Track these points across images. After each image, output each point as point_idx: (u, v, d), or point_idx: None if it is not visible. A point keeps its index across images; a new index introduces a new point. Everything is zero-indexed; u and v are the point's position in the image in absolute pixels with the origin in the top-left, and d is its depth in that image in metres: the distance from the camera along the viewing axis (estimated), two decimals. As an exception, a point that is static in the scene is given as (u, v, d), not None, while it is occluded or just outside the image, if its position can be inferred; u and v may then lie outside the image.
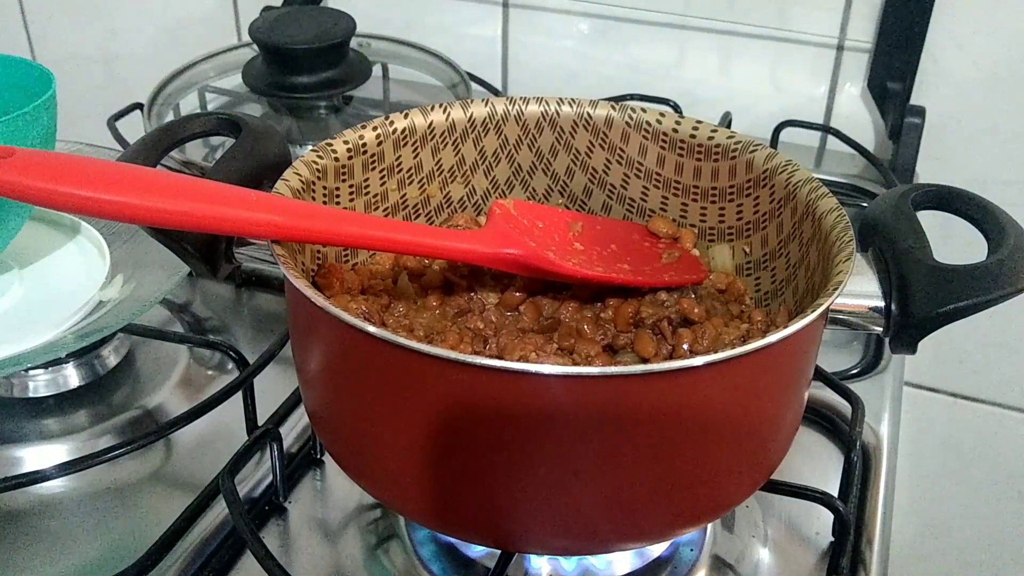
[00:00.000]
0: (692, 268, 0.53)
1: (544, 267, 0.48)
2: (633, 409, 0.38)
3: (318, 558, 0.52)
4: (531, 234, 0.49)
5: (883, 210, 0.48)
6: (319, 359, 0.44)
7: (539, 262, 0.48)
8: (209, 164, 0.70)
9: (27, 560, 0.51)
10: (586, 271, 0.49)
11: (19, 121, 0.57)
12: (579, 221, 0.53)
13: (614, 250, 0.52)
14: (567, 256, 0.50)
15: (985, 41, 0.82)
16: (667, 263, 0.53)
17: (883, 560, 0.53)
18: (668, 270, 0.52)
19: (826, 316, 0.44)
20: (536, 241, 0.49)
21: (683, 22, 0.90)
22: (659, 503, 0.42)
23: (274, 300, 0.72)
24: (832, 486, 0.55)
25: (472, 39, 0.97)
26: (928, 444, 0.98)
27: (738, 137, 0.53)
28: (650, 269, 0.52)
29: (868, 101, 0.87)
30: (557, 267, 0.48)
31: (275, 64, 0.85)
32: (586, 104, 0.56)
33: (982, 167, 0.86)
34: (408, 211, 0.56)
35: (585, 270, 0.49)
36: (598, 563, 0.50)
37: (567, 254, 0.50)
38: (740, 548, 0.53)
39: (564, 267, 0.49)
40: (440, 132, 0.55)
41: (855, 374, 0.66)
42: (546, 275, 0.49)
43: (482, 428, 0.39)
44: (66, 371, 0.63)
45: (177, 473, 0.57)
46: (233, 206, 0.42)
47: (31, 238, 0.68)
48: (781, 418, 0.45)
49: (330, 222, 0.44)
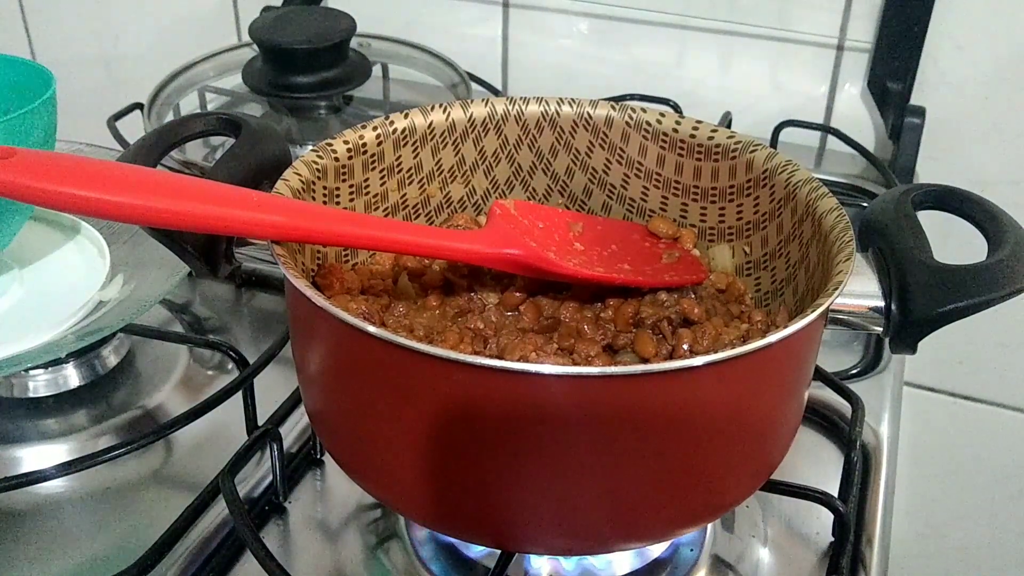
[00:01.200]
0: (692, 268, 0.53)
1: (545, 267, 0.48)
2: (633, 409, 0.38)
3: (318, 558, 0.52)
4: (531, 234, 0.49)
5: (883, 210, 0.48)
6: (319, 359, 0.44)
7: (540, 262, 0.48)
8: (209, 164, 0.70)
9: (27, 560, 0.51)
10: (586, 271, 0.49)
11: (19, 121, 0.57)
12: (579, 221, 0.53)
13: (614, 250, 0.52)
14: (567, 256, 0.50)
15: (985, 41, 0.82)
16: (667, 263, 0.53)
17: (883, 560, 0.53)
18: (668, 270, 0.52)
19: (826, 316, 0.44)
20: (536, 241, 0.49)
21: (683, 22, 0.90)
22: (659, 503, 0.42)
23: (274, 300, 0.72)
24: (832, 486, 0.55)
25: (472, 39, 0.97)
26: (928, 444, 0.98)
27: (738, 137, 0.53)
28: (650, 269, 0.52)
29: (868, 101, 0.87)
30: (557, 267, 0.48)
31: (275, 64, 0.85)
32: (586, 104, 0.56)
33: (982, 167, 0.86)
34: (408, 211, 0.56)
35: (585, 270, 0.49)
36: (598, 563, 0.50)
37: (567, 254, 0.50)
38: (740, 548, 0.53)
39: (564, 267, 0.48)
40: (440, 132, 0.55)
41: (855, 374, 0.66)
42: (547, 275, 0.49)
43: (482, 428, 0.39)
44: (66, 371, 0.63)
45: (177, 473, 0.57)
46: (234, 206, 0.42)
47: (31, 238, 0.68)
48: (781, 418, 0.45)
49: (331, 222, 0.44)
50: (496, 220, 0.49)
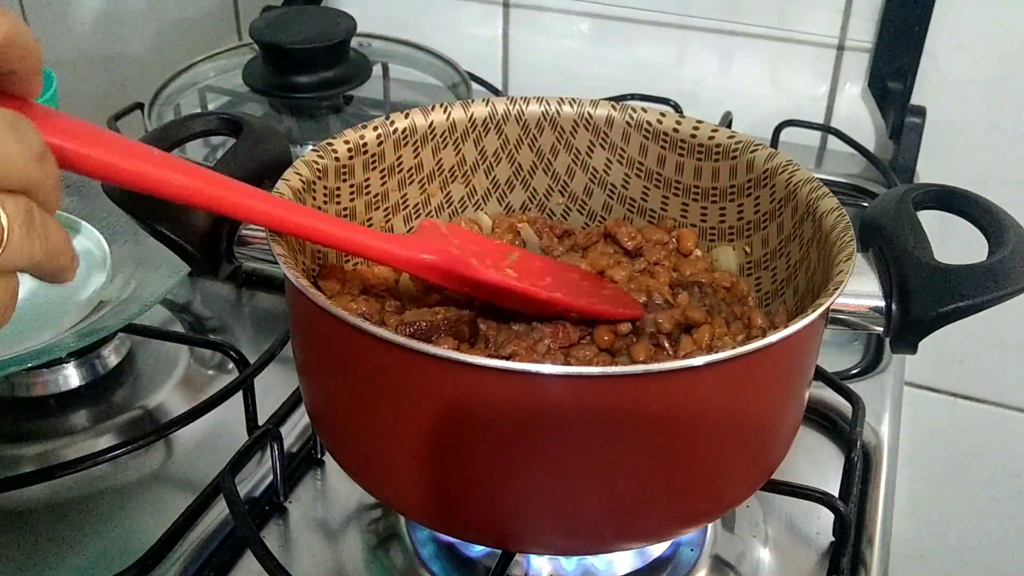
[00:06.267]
0: (629, 304, 0.49)
1: (466, 273, 0.45)
2: (633, 409, 0.38)
3: (318, 558, 0.52)
4: (458, 249, 0.47)
5: (884, 210, 0.48)
6: (320, 359, 0.44)
7: (461, 268, 0.45)
8: (210, 164, 0.70)
9: (27, 560, 0.51)
10: (511, 282, 0.46)
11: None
12: (516, 252, 0.50)
13: (549, 283, 0.48)
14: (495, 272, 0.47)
15: (985, 41, 0.82)
16: (605, 296, 0.50)
17: (883, 560, 0.53)
18: (605, 302, 0.49)
19: (826, 316, 0.44)
20: (461, 253, 0.46)
21: (683, 22, 0.90)
22: (659, 503, 0.42)
23: (274, 300, 0.72)
24: (832, 486, 0.55)
25: (473, 39, 0.97)
26: (928, 444, 0.98)
27: (739, 137, 0.53)
28: (584, 302, 0.48)
29: (868, 101, 0.88)
30: (479, 274, 0.45)
31: (275, 64, 0.85)
32: (587, 104, 0.56)
33: (982, 167, 0.86)
34: (409, 211, 0.56)
35: (510, 281, 0.46)
36: (598, 563, 0.50)
37: (496, 271, 0.47)
38: (740, 548, 0.53)
39: (487, 274, 0.46)
40: (441, 132, 0.55)
41: (855, 374, 0.66)
42: (468, 284, 0.46)
43: (482, 428, 0.39)
44: (66, 371, 0.63)
45: (177, 473, 0.57)
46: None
47: (31, 238, 0.68)
48: (781, 418, 0.45)
49: (231, 192, 0.41)
50: (421, 230, 0.47)
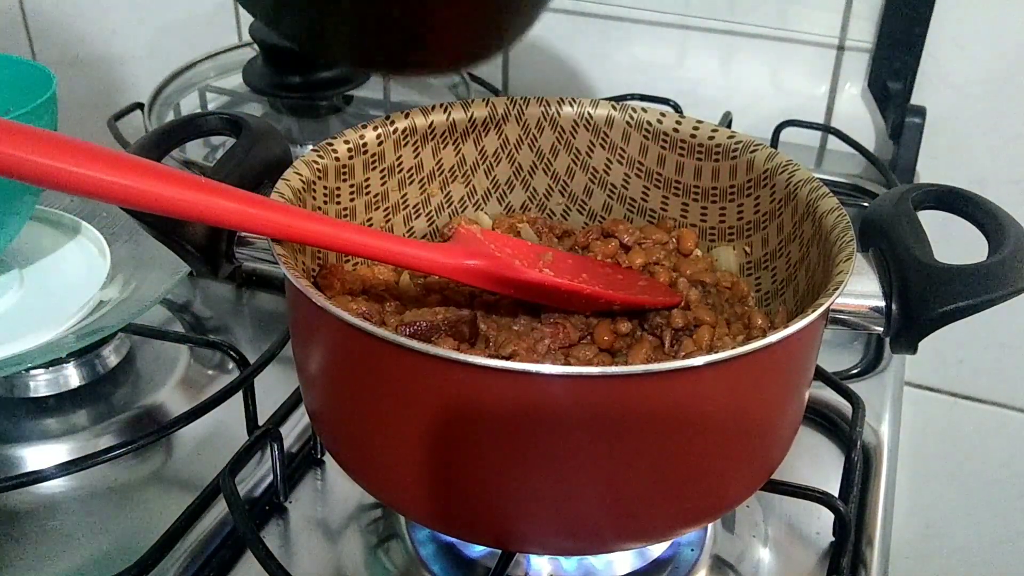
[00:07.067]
0: (667, 293, 0.51)
1: (511, 275, 0.46)
2: (633, 409, 0.38)
3: (318, 558, 0.52)
4: (497, 251, 0.48)
5: (884, 210, 0.48)
6: (320, 359, 0.44)
7: (505, 270, 0.46)
8: (210, 164, 0.70)
9: (27, 560, 0.51)
10: (556, 280, 0.47)
11: (19, 121, 0.56)
12: (549, 252, 0.51)
13: (585, 279, 0.50)
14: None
15: (985, 41, 0.82)
16: (642, 287, 0.51)
17: (883, 560, 0.53)
18: (644, 292, 0.50)
19: (826, 316, 0.44)
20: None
21: (683, 22, 0.90)
22: (659, 503, 0.42)
23: (274, 300, 0.72)
24: (832, 486, 0.55)
25: (472, 39, 0.97)
26: (928, 444, 0.98)
27: (739, 137, 0.53)
28: (625, 294, 0.50)
29: (868, 101, 0.87)
30: (525, 274, 0.46)
31: (275, 64, 0.85)
32: (587, 104, 0.56)
33: (982, 167, 0.86)
34: (409, 211, 0.56)
35: (555, 278, 0.47)
36: (598, 563, 0.50)
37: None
38: (740, 548, 0.53)
39: (532, 274, 0.47)
40: (441, 132, 0.55)
41: (855, 374, 0.66)
42: (514, 285, 0.47)
43: (482, 428, 0.39)
44: (66, 371, 0.63)
45: (177, 473, 0.57)
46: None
47: (31, 238, 0.68)
48: (781, 418, 0.45)
49: (291, 217, 0.43)
50: (460, 236, 0.48)
